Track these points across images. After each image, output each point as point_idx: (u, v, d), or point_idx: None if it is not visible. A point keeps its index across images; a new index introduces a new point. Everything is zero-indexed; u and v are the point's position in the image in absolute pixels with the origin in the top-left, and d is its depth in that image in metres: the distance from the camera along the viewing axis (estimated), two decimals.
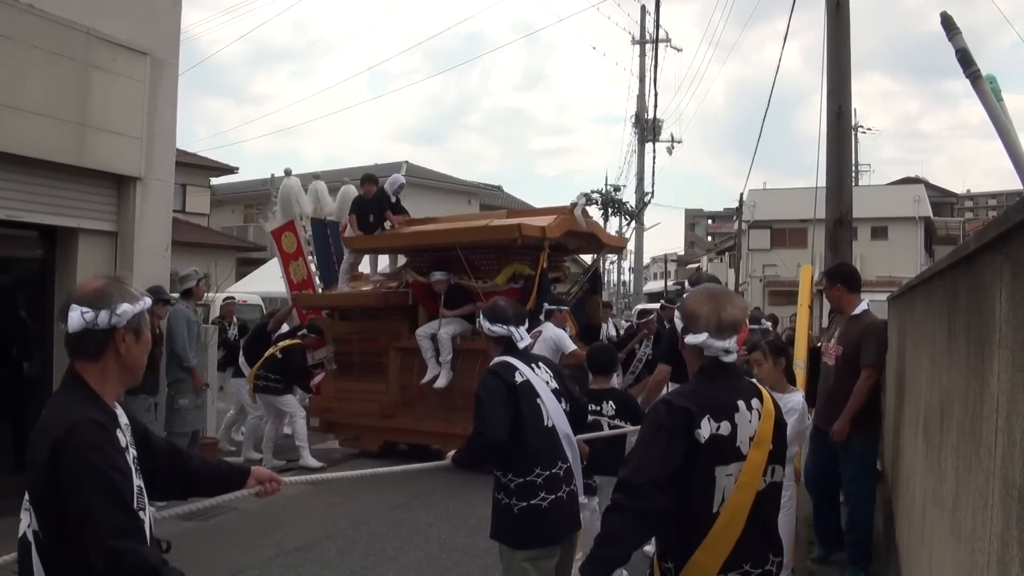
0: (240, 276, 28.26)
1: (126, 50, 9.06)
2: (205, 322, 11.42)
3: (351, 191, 13.62)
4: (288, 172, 13.61)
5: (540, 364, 4.46)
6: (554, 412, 4.28)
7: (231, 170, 34.43)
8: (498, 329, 4.43)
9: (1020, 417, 1.93)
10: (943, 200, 61.86)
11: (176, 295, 9.34)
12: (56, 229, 8.89)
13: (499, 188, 41.56)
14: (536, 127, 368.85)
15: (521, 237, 9.74)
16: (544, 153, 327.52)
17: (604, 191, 38.53)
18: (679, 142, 39.40)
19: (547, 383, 4.34)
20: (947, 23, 4.43)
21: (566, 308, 10.05)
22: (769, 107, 24.83)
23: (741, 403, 3.03)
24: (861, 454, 6.21)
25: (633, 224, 37.56)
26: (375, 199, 11.99)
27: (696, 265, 55.97)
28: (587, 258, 15.04)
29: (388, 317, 11.48)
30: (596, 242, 11.79)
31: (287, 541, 7.47)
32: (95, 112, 8.75)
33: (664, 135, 36.28)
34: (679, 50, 61.97)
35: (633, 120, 35.35)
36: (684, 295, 3.12)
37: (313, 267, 13.46)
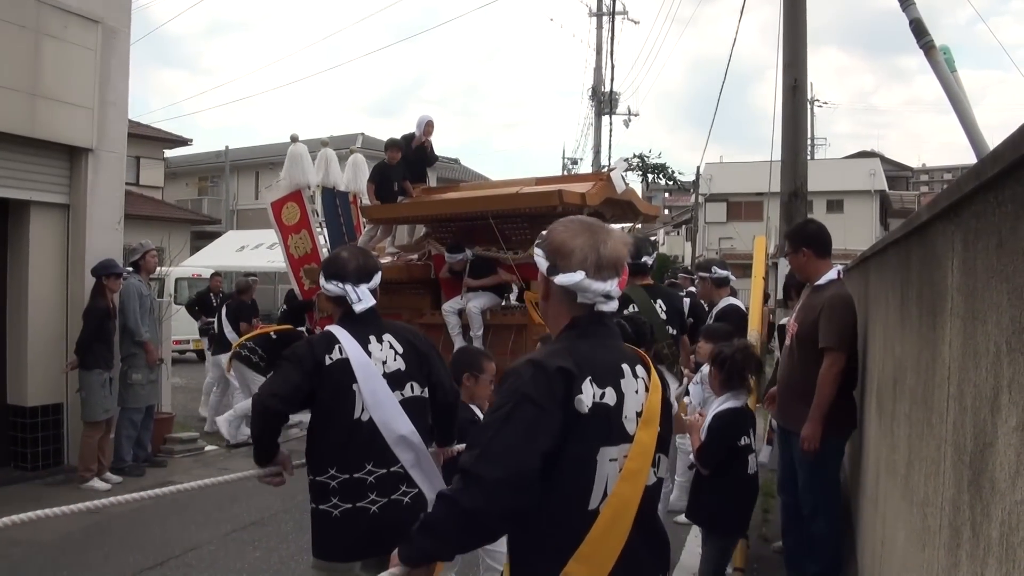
0: (195, 250, 28.15)
1: (77, 17, 8.87)
2: (160, 296, 11.27)
3: (360, 160, 13.15)
4: (295, 138, 12.74)
5: (387, 336, 3.69)
6: (377, 402, 3.52)
7: (185, 142, 34.05)
8: (332, 287, 3.68)
9: (971, 384, 1.95)
10: (898, 174, 62.53)
11: (129, 268, 9.21)
12: (7, 202, 8.73)
13: (456, 161, 41.42)
14: (493, 100, 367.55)
15: (562, 204, 9.19)
16: (501, 126, 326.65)
17: (643, 156, 38.27)
18: (636, 115, 39.57)
19: (383, 363, 3.60)
20: None
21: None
22: (725, 81, 24.95)
23: (626, 367, 2.33)
24: (818, 457, 5.03)
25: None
26: (399, 166, 11.39)
27: (653, 238, 56.07)
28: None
29: (410, 291, 10.98)
30: (633, 211, 11.19)
31: (244, 516, 7.43)
32: (46, 81, 8.57)
33: (621, 108, 36.33)
34: (636, 22, 61.81)
35: (590, 93, 35.30)
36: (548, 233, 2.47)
37: (322, 239, 12.67)
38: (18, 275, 8.82)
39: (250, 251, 28.06)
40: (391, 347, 3.65)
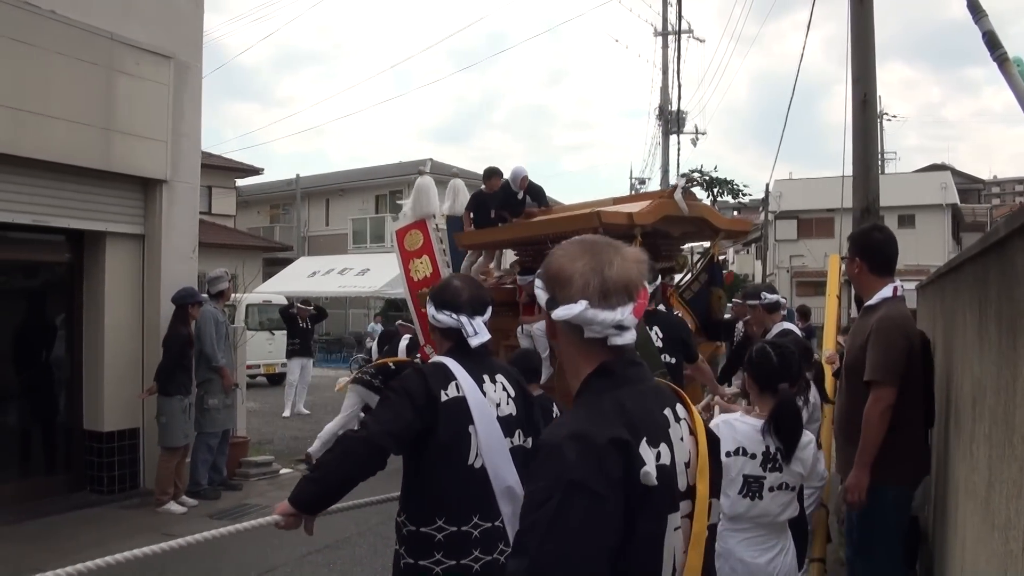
0: (267, 276, 28.53)
1: (150, 54, 9.11)
2: (232, 322, 11.45)
3: (460, 185, 13.49)
4: (422, 171, 13.19)
5: (499, 377, 3.30)
6: (490, 448, 3.13)
7: (256, 171, 34.66)
8: (444, 318, 3.26)
9: None
10: (970, 187, 61.30)
11: (205, 295, 9.40)
12: (83, 233, 8.97)
13: None
14: (559, 122, 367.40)
15: (601, 226, 8.71)
16: (568, 148, 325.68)
17: (701, 171, 38.11)
18: (703, 134, 39.28)
19: (497, 405, 3.21)
20: (973, 6, 4.39)
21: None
22: (793, 97, 24.73)
23: (669, 413, 1.94)
24: (871, 511, 4.29)
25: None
26: (496, 195, 11.36)
27: (723, 257, 55.72)
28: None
29: (500, 314, 10.82)
30: (708, 227, 10.54)
31: (318, 538, 7.44)
32: (120, 116, 8.82)
33: (688, 127, 36.10)
34: (702, 41, 61.34)
35: (657, 113, 35.06)
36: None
37: (444, 265, 12.86)
38: (94, 304, 9.04)
39: (321, 276, 28.45)
40: (504, 389, 3.27)
